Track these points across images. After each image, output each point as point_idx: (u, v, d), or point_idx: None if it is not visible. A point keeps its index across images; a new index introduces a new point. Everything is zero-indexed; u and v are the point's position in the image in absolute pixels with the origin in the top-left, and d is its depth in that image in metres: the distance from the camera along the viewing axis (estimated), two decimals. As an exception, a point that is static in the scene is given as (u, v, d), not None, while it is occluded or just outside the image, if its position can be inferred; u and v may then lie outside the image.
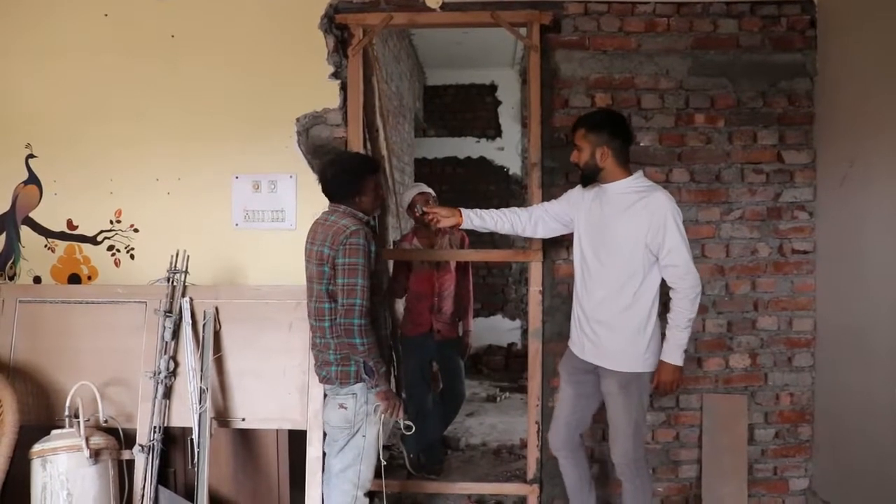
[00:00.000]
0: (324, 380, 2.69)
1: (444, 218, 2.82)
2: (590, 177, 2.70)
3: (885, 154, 2.78)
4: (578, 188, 2.85)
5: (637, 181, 2.67)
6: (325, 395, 2.78)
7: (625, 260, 2.62)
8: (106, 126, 3.38)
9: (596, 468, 3.31)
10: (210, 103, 3.35)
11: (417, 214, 3.10)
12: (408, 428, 2.75)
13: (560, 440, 2.88)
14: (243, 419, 3.09)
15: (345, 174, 2.69)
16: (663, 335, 2.66)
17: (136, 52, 3.37)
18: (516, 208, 2.95)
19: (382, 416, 2.64)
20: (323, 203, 2.80)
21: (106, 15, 3.38)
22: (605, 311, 2.68)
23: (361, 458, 2.64)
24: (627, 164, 2.70)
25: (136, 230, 3.40)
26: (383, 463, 2.73)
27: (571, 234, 2.90)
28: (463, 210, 2.85)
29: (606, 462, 3.23)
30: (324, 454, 2.86)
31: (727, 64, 3.31)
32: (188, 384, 3.02)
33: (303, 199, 3.30)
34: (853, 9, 3.05)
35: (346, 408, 2.61)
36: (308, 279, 2.69)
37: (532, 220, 2.89)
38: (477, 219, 2.85)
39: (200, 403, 2.97)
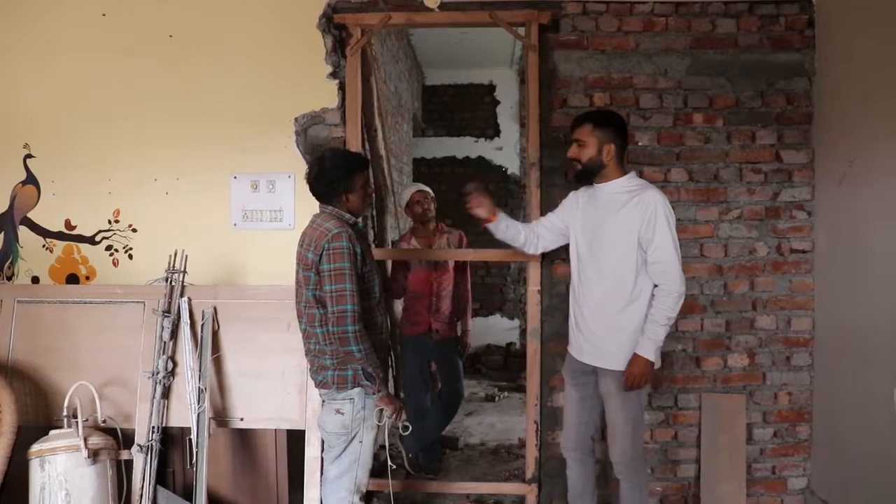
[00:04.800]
0: (320, 385, 2.60)
1: (481, 207, 2.74)
2: (589, 174, 2.69)
3: (884, 153, 2.77)
4: (572, 195, 2.87)
5: (631, 181, 2.68)
6: (323, 401, 2.71)
7: (621, 259, 2.62)
8: (104, 126, 3.38)
9: (598, 467, 3.30)
10: (208, 103, 3.35)
11: (470, 201, 2.82)
12: (405, 428, 2.74)
13: (572, 442, 2.89)
14: (242, 419, 3.08)
15: (330, 172, 2.58)
16: None
17: (135, 51, 3.37)
18: (529, 225, 2.94)
19: (387, 420, 2.60)
20: (321, 202, 2.74)
21: (104, 14, 3.38)
22: (603, 311, 2.68)
23: (358, 463, 2.57)
24: (623, 165, 2.72)
25: (134, 230, 3.40)
26: (392, 467, 2.74)
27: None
28: (500, 211, 2.80)
29: (606, 461, 3.22)
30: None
31: (726, 63, 3.31)
32: (186, 384, 3.02)
33: (301, 199, 3.29)
34: (852, 8, 3.05)
35: (342, 413, 2.54)
36: (296, 282, 2.62)
37: (535, 236, 2.89)
38: (502, 224, 2.81)
39: (199, 403, 2.96)
